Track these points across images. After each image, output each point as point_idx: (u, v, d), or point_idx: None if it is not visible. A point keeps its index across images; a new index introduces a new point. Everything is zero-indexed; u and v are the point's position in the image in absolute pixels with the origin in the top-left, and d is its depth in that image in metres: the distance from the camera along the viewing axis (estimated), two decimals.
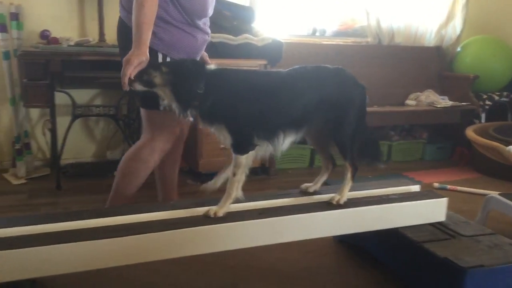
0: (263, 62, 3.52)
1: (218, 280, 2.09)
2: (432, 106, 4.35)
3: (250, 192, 3.17)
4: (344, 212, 1.98)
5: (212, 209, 1.84)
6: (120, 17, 2.23)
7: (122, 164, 2.29)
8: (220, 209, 1.84)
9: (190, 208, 1.93)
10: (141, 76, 1.85)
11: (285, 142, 1.90)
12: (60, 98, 3.32)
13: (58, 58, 3.04)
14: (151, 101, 2.14)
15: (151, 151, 2.25)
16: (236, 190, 1.86)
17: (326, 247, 2.43)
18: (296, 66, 1.97)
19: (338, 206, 2.00)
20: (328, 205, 2.01)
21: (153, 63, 1.92)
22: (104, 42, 3.41)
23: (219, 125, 1.81)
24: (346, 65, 4.28)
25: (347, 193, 2.04)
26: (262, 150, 1.87)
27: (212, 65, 1.90)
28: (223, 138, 1.83)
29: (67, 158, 3.56)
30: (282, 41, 3.64)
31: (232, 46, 3.41)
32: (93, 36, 3.48)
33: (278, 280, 2.12)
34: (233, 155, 1.83)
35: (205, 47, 2.33)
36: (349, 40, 4.61)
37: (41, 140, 3.69)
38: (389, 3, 4.52)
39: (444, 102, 4.42)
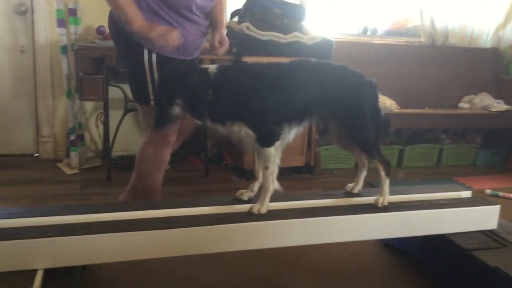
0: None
1: (259, 277, 2.10)
2: (487, 109, 4.19)
3: (294, 191, 3.19)
4: (391, 215, 1.95)
5: (255, 206, 1.85)
6: (110, 12, 2.18)
7: (136, 167, 2.31)
8: (262, 206, 1.85)
9: (234, 204, 1.94)
10: (162, 123, 1.83)
11: (291, 134, 1.89)
12: (114, 92, 3.43)
13: (113, 53, 3.12)
14: (141, 95, 2.14)
15: (154, 147, 2.23)
16: (272, 183, 1.85)
17: (370, 250, 2.40)
18: (297, 59, 1.95)
19: (385, 208, 1.97)
20: (374, 208, 1.97)
21: (163, 103, 1.78)
22: None
23: (238, 123, 1.77)
24: (397, 65, 4.25)
25: (387, 191, 2.00)
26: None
27: (210, 66, 1.83)
28: (245, 135, 1.79)
29: (117, 150, 3.67)
30: (332, 39, 3.61)
31: (281, 44, 3.40)
32: None
33: (320, 280, 2.10)
34: (261, 149, 1.81)
35: (204, 41, 2.25)
36: (401, 40, 4.51)
37: (94, 132, 3.82)
38: (444, 2, 4.38)
39: (499, 106, 4.24)
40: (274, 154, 1.82)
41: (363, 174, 2.16)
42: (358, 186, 2.16)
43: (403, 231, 2.00)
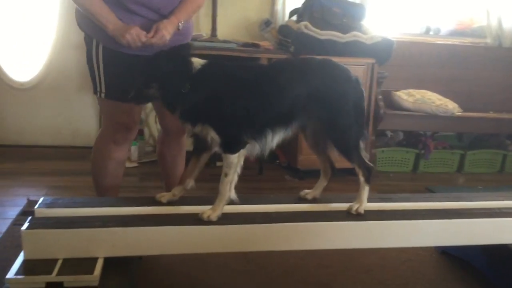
0: (371, 61, 3.43)
1: (312, 278, 2.09)
2: None
3: (347, 193, 3.14)
4: (449, 222, 1.88)
5: (206, 212, 1.73)
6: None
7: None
8: (214, 212, 1.73)
9: (288, 203, 1.94)
10: (137, 99, 1.77)
11: (274, 140, 1.78)
12: None
13: None
14: (93, 85, 2.06)
15: (101, 141, 2.17)
16: (230, 191, 1.75)
17: (427, 257, 2.33)
18: (280, 59, 1.85)
19: (443, 215, 1.90)
20: (432, 214, 1.91)
21: (141, 82, 1.73)
22: (215, 37, 3.55)
23: (205, 125, 1.71)
24: (461, 67, 4.09)
25: (365, 201, 1.88)
26: (250, 148, 1.76)
27: (198, 60, 1.74)
28: (210, 139, 1.72)
29: None
30: (393, 39, 3.53)
31: (340, 43, 3.37)
32: (205, 31, 3.63)
33: (372, 285, 2.07)
34: (223, 155, 1.73)
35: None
36: (466, 41, 4.33)
37: (153, 127, 3.94)
38: None
39: None
40: (237, 163, 1.73)
41: (323, 184, 2.04)
42: (315, 193, 2.03)
43: (462, 239, 1.92)
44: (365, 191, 1.88)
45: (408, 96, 3.71)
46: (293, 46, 3.39)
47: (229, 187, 1.75)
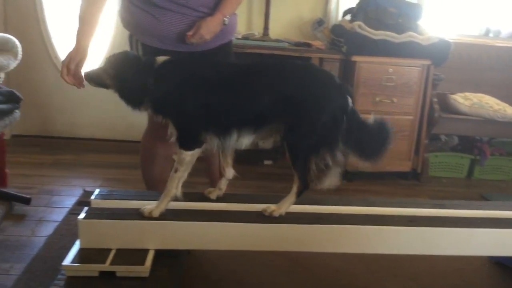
0: (427, 62, 3.34)
1: (359, 282, 2.06)
2: None
3: (398, 197, 3.08)
4: (505, 232, 1.81)
5: (147, 208, 1.72)
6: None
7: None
8: (156, 209, 1.71)
9: (336, 205, 1.93)
10: (90, 77, 1.78)
11: (241, 141, 1.73)
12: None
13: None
14: None
15: (146, 137, 2.23)
16: (176, 188, 1.73)
17: (479, 267, 2.25)
18: (259, 60, 1.76)
19: (499, 224, 1.83)
20: (488, 222, 1.84)
21: (103, 66, 1.77)
22: (268, 36, 3.56)
23: (166, 119, 1.72)
24: None
25: (286, 208, 1.78)
26: (211, 145, 1.73)
27: (160, 57, 1.75)
28: (170, 132, 1.73)
29: None
30: (450, 41, 3.42)
31: (394, 44, 3.29)
32: (258, 30, 3.65)
33: None
34: (177, 149, 1.72)
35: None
36: None
37: None
38: None
39: None
40: (189, 160, 1.72)
41: (225, 183, 1.96)
42: (217, 192, 1.96)
43: None
44: (291, 201, 1.78)
45: (464, 100, 3.59)
46: (345, 46, 3.35)
47: (176, 184, 1.73)
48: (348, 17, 3.57)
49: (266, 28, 3.58)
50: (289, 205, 1.78)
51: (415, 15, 3.50)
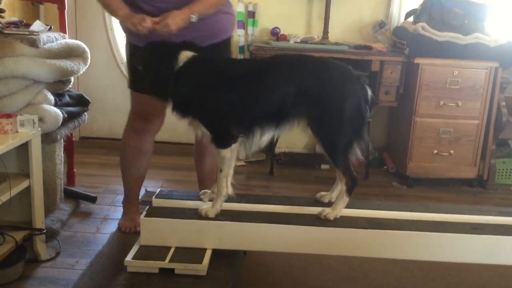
0: (494, 64, 3.19)
1: None
2: None
3: (461, 204, 2.96)
4: None
5: (203, 209, 1.75)
6: None
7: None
8: (211, 209, 1.74)
9: (394, 210, 1.89)
10: (132, 59, 1.88)
11: (263, 138, 1.73)
12: None
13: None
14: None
15: (125, 129, 2.27)
16: (226, 187, 1.74)
17: None
18: (275, 55, 1.70)
19: None
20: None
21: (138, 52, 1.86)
22: (327, 39, 3.54)
23: (193, 118, 1.72)
24: None
25: (340, 209, 1.77)
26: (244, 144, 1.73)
27: (184, 54, 1.74)
28: (201, 134, 1.73)
29: (281, 147, 3.81)
30: None
31: (459, 46, 3.17)
32: (317, 33, 3.64)
33: None
34: (216, 150, 1.72)
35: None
36: None
37: None
38: None
39: None
40: (230, 157, 1.72)
41: (339, 187, 1.86)
42: (330, 196, 1.93)
43: None
44: (343, 201, 1.78)
45: None
46: (408, 48, 3.27)
47: (225, 183, 1.75)
48: (411, 18, 3.49)
49: (325, 31, 3.56)
50: (343, 206, 1.78)
51: (481, 16, 3.36)
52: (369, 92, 1.72)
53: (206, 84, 1.71)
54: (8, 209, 1.91)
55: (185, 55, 1.75)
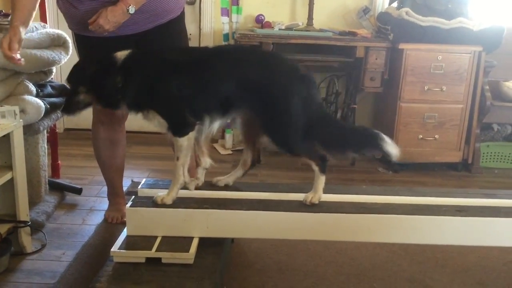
0: (478, 48, 3.21)
1: (405, 273, 2.02)
2: None
3: (447, 188, 2.99)
4: None
5: (159, 196, 1.74)
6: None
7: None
8: (167, 196, 1.74)
9: (379, 195, 1.90)
10: (68, 108, 1.82)
11: (213, 125, 1.74)
12: None
13: (270, 41, 3.25)
14: None
15: (93, 123, 2.28)
16: (183, 175, 1.75)
17: None
18: (223, 45, 1.73)
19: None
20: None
21: (71, 89, 1.82)
22: (312, 26, 3.52)
23: (150, 111, 1.71)
24: None
25: (321, 191, 1.79)
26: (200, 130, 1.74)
27: (120, 52, 1.73)
28: (159, 124, 1.72)
29: None
30: (504, 26, 3.26)
31: (443, 30, 3.18)
32: (302, 20, 3.62)
33: (470, 285, 1.95)
34: (173, 138, 1.72)
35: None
36: None
37: None
38: None
39: None
40: (187, 145, 1.72)
41: (239, 173, 1.95)
42: (227, 180, 1.95)
43: None
44: (321, 181, 1.79)
45: None
46: (392, 34, 3.27)
47: (182, 171, 1.75)
48: (395, 4, 3.49)
49: (310, 18, 3.54)
50: (322, 186, 1.79)
51: (465, 0, 3.36)
52: (314, 90, 1.75)
53: (155, 76, 1.69)
54: None
55: (120, 54, 1.73)
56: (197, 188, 1.87)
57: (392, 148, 1.76)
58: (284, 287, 1.90)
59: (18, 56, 1.85)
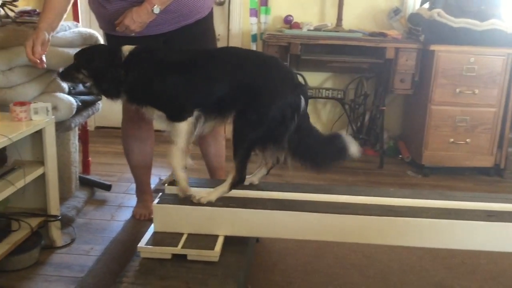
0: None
1: (433, 278, 1.98)
2: None
3: (476, 192, 2.92)
4: None
5: (198, 196, 1.76)
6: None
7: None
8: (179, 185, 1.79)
9: (408, 198, 1.86)
10: (63, 75, 1.91)
11: (206, 125, 1.77)
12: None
13: (298, 41, 3.24)
14: None
15: (123, 121, 2.32)
16: (182, 159, 1.76)
17: None
18: (224, 47, 1.88)
19: None
20: None
21: (75, 64, 1.87)
22: (341, 27, 3.50)
23: (147, 106, 1.77)
24: None
25: (216, 196, 1.76)
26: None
27: (126, 47, 1.79)
28: (157, 117, 1.77)
29: None
30: None
31: (476, 32, 3.11)
32: (331, 21, 3.60)
33: None
34: (172, 124, 1.74)
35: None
36: None
37: None
38: None
39: None
40: (187, 130, 1.72)
41: (262, 172, 1.96)
42: (252, 179, 1.94)
43: None
44: (222, 191, 1.77)
45: None
46: (423, 35, 3.22)
47: (179, 156, 1.75)
48: (426, 5, 3.43)
49: (339, 18, 3.52)
50: (220, 194, 1.77)
51: (498, 1, 3.28)
52: (303, 103, 1.73)
53: (150, 73, 1.75)
54: (23, 196, 1.94)
55: (127, 48, 1.79)
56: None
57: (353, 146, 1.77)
58: None
59: (44, 58, 1.92)
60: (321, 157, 1.81)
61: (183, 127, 1.73)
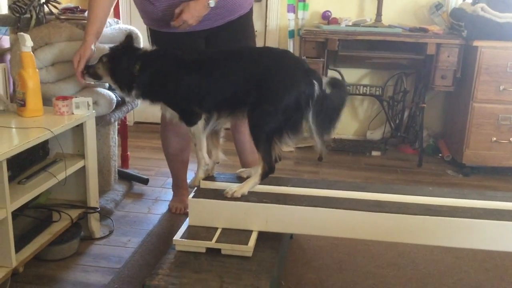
0: None
1: (470, 280, 1.92)
2: None
3: None
4: None
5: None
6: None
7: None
8: (195, 179, 1.94)
9: (447, 197, 1.82)
10: (88, 69, 1.98)
11: (220, 122, 1.86)
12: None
13: (336, 37, 3.20)
14: None
15: (162, 116, 2.22)
16: (203, 158, 1.91)
17: None
18: (238, 47, 1.93)
19: None
20: None
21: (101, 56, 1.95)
22: (380, 22, 3.44)
23: (161, 103, 1.88)
24: None
25: (248, 189, 1.79)
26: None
27: (150, 46, 1.91)
28: (171, 115, 1.89)
29: None
30: None
31: None
32: (370, 16, 3.54)
33: None
34: (187, 128, 1.87)
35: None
36: None
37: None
38: None
39: None
40: (199, 132, 1.84)
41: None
42: (250, 172, 1.96)
43: None
44: (254, 182, 1.80)
45: None
46: (466, 30, 3.12)
47: (201, 155, 1.90)
48: (469, 0, 3.33)
49: (378, 13, 3.46)
50: (252, 186, 1.80)
51: None
52: (316, 89, 1.71)
53: (166, 72, 1.84)
54: (64, 188, 2.00)
55: (146, 47, 1.92)
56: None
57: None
58: (342, 287, 1.87)
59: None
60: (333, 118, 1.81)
61: (196, 130, 1.86)
